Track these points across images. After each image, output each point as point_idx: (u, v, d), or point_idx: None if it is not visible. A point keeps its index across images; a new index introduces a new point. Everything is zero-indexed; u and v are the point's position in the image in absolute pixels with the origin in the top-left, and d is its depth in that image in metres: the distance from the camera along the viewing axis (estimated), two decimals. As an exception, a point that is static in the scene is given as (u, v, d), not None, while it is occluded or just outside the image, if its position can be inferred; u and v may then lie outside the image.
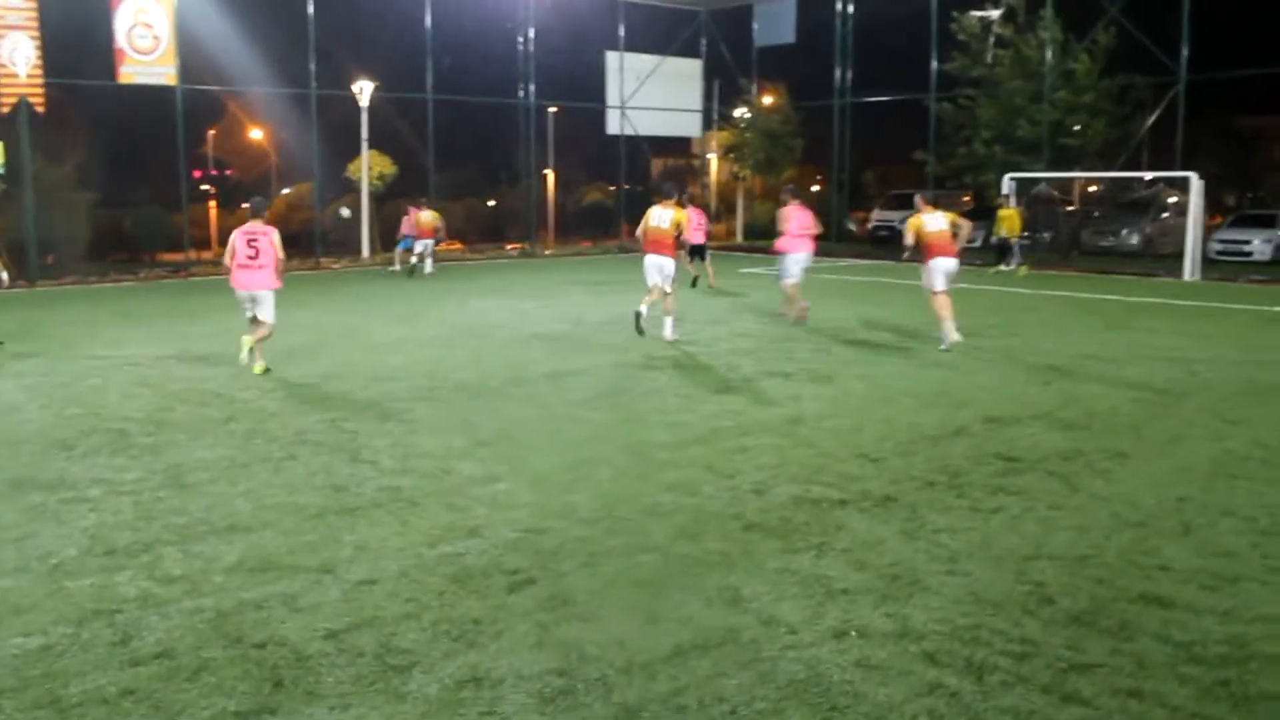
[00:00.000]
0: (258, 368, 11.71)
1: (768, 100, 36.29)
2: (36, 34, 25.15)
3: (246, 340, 11.98)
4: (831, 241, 33.04)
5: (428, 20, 30.57)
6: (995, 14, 28.69)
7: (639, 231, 14.15)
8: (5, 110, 25.22)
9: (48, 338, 14.85)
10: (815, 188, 40.67)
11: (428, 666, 4.52)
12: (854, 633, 4.82)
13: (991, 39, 28.80)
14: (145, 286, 23.69)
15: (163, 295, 21.42)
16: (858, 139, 34.41)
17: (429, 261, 25.25)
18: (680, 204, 14.98)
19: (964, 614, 5.01)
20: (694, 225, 16.41)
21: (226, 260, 12.10)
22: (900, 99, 33.10)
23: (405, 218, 26.24)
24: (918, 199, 13.80)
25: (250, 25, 30.31)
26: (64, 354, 13.26)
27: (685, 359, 12.32)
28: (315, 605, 5.17)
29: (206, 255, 30.25)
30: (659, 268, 13.76)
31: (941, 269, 13.07)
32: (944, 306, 13.03)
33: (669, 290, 13.83)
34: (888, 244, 32.99)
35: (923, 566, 5.64)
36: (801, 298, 15.55)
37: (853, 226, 36.51)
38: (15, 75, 24.98)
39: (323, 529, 6.30)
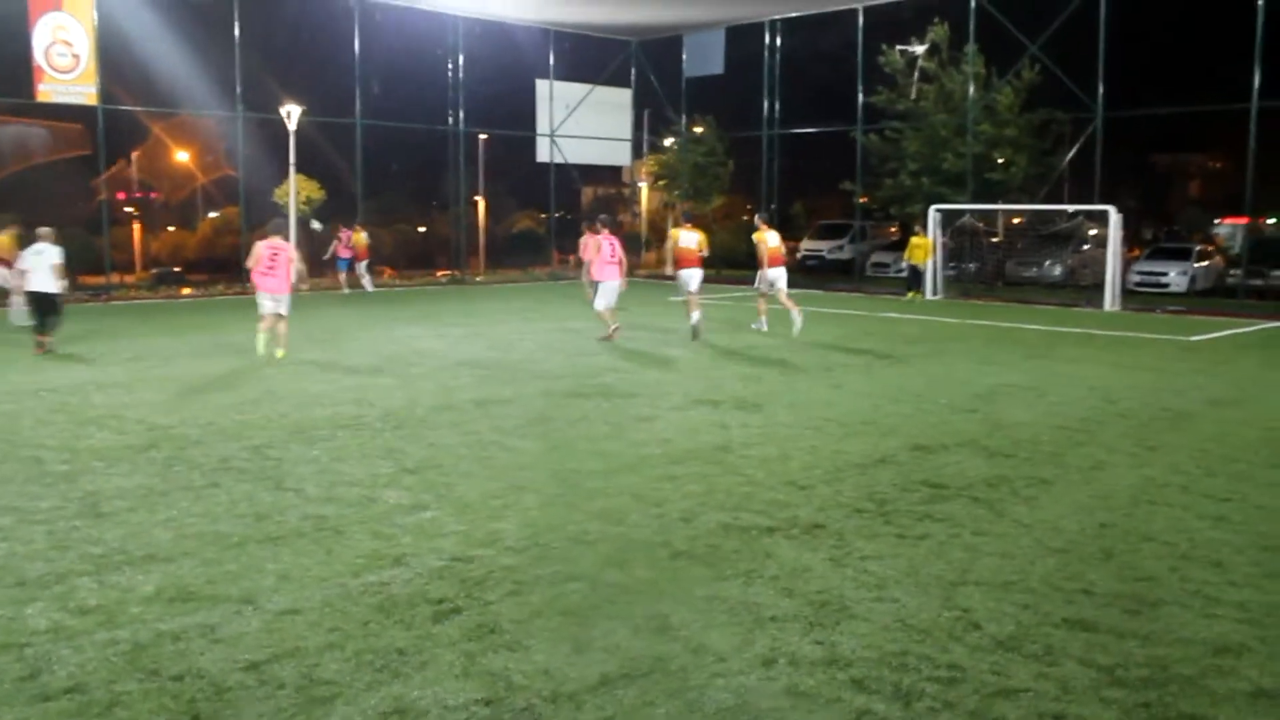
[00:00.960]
0: (280, 353, 14.50)
1: (697, 130, 36.58)
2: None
3: (262, 336, 14.49)
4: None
5: (356, 45, 30.38)
6: (920, 49, 29.25)
7: (667, 249, 18.72)
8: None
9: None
10: (744, 217, 41.04)
11: (351, 698, 4.43)
12: (783, 660, 4.81)
13: (916, 73, 29.34)
14: (65, 310, 23.09)
15: (83, 319, 20.91)
16: (786, 169, 34.79)
17: (367, 279, 27.00)
18: (613, 230, 18.00)
19: (892, 640, 5.04)
20: (609, 256, 16.99)
21: (250, 264, 14.90)
22: (828, 130, 33.54)
23: (338, 241, 26.92)
24: (759, 219, 19.11)
25: (176, 46, 29.95)
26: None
27: (612, 388, 12.30)
28: (236, 636, 5.05)
29: (129, 279, 29.74)
30: (696, 278, 18.07)
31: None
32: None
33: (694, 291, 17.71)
34: (816, 273, 33.39)
35: (850, 593, 5.66)
36: (614, 320, 17.01)
37: (694, 247, 36.78)
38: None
39: (244, 558, 6.17)
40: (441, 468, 8.40)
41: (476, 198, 39.58)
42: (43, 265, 15.79)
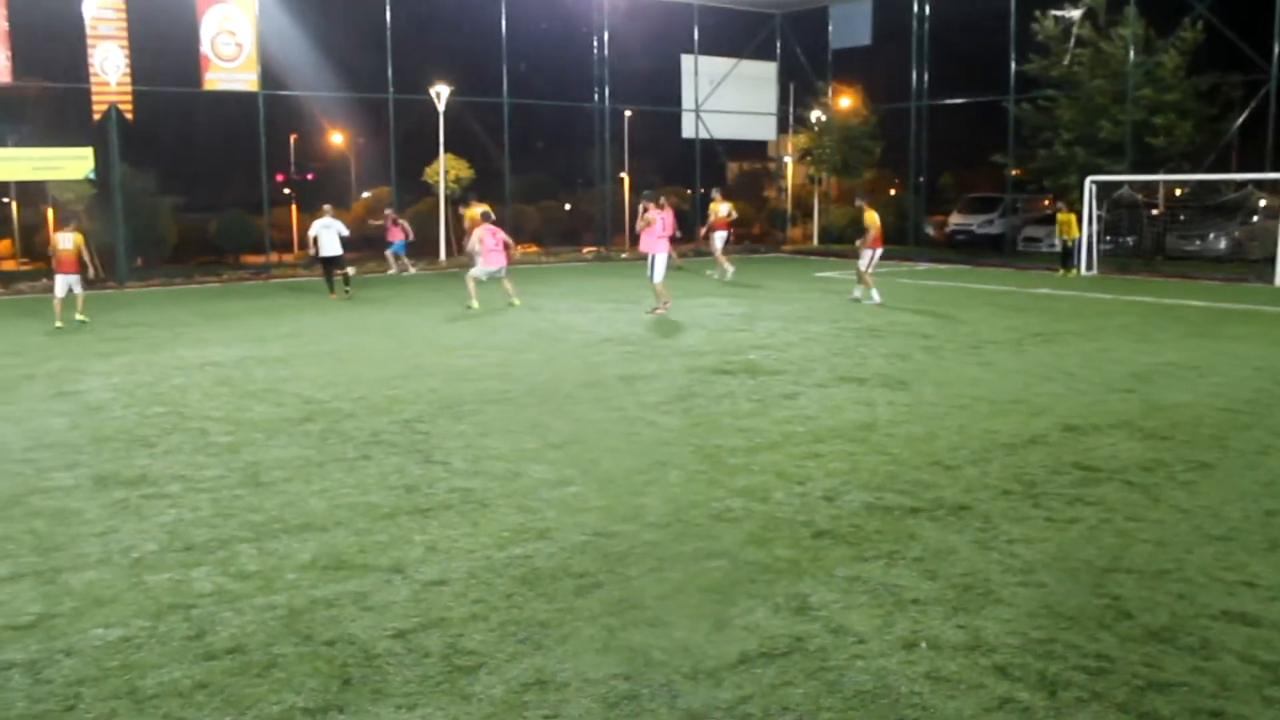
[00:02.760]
0: (516, 301, 18.50)
1: (844, 103, 36.01)
2: (125, 43, 25.80)
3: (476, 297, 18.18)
4: (909, 245, 32.74)
5: (503, 25, 30.80)
6: (1076, 13, 28.17)
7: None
8: (96, 117, 25.91)
9: (134, 338, 15.22)
10: (892, 191, 40.31)
11: (494, 668, 4.54)
12: (924, 644, 4.74)
13: (1072, 39, 28.27)
14: (228, 288, 24.16)
15: (245, 297, 21.83)
16: (935, 142, 34.00)
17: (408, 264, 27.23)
18: (660, 205, 17.74)
19: (1038, 627, 4.91)
20: (660, 230, 17.31)
21: (472, 245, 18.87)
22: (978, 101, 32.66)
23: (390, 224, 26.80)
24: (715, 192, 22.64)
25: (329, 31, 30.82)
26: (149, 354, 13.58)
27: (758, 364, 12.24)
28: (385, 605, 5.22)
29: (288, 257, 30.83)
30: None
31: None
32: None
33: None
34: (965, 248, 32.58)
35: (996, 577, 5.54)
36: (665, 295, 17.68)
37: (930, 230, 36.06)
38: (106, 84, 25.64)
39: (394, 529, 6.37)
40: (585, 443, 8.50)
41: (621, 174, 39.76)
42: (331, 235, 20.41)
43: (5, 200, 37.91)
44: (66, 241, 16.83)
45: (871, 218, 18.55)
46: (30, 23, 25.55)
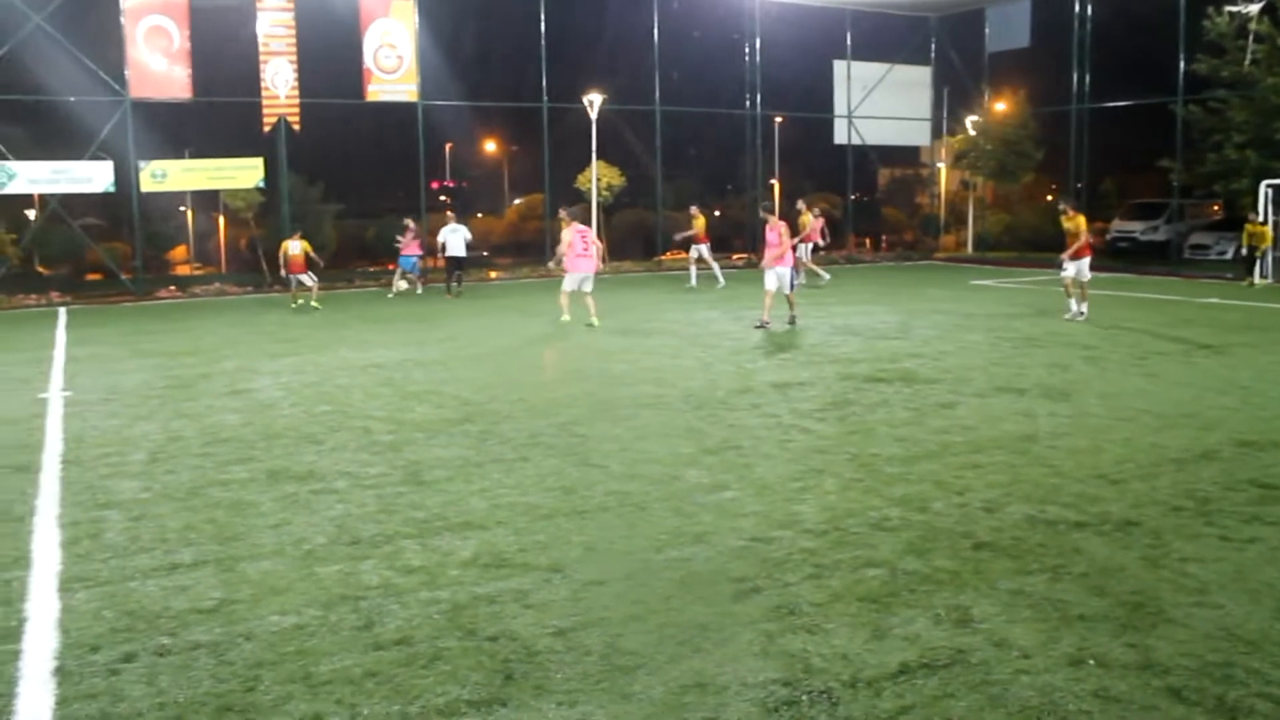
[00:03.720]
0: (596, 322, 16.60)
1: (1000, 107, 35.17)
2: (294, 58, 26.88)
3: (567, 312, 16.91)
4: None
5: (655, 33, 31.04)
6: (1253, 8, 26.88)
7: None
8: (266, 129, 27.05)
9: (300, 340, 15.84)
10: (1049, 197, 39.15)
11: (653, 669, 4.57)
12: (1092, 661, 4.60)
13: (1251, 35, 26.97)
14: (387, 293, 24.89)
15: (402, 301, 22.49)
16: (1096, 146, 32.90)
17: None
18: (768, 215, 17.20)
19: (1214, 650, 4.71)
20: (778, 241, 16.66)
21: (562, 249, 16.96)
22: (1143, 103, 31.48)
23: (409, 236, 24.67)
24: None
25: (485, 42, 31.54)
26: (315, 355, 14.12)
27: (914, 373, 12.05)
28: (545, 603, 5.32)
29: (441, 263, 31.61)
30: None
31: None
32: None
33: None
34: (1127, 255, 31.42)
35: (1167, 596, 5.33)
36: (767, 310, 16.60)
37: (1090, 238, 34.84)
38: (276, 96, 26.76)
39: (553, 529, 6.48)
40: (741, 449, 8.50)
41: (772, 181, 39.61)
42: (457, 238, 23.28)
43: (182, 209, 39.85)
44: (295, 248, 21.04)
45: (1080, 224, 17.14)
46: (208, 41, 26.85)
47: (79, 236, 29.38)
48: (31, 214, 33.20)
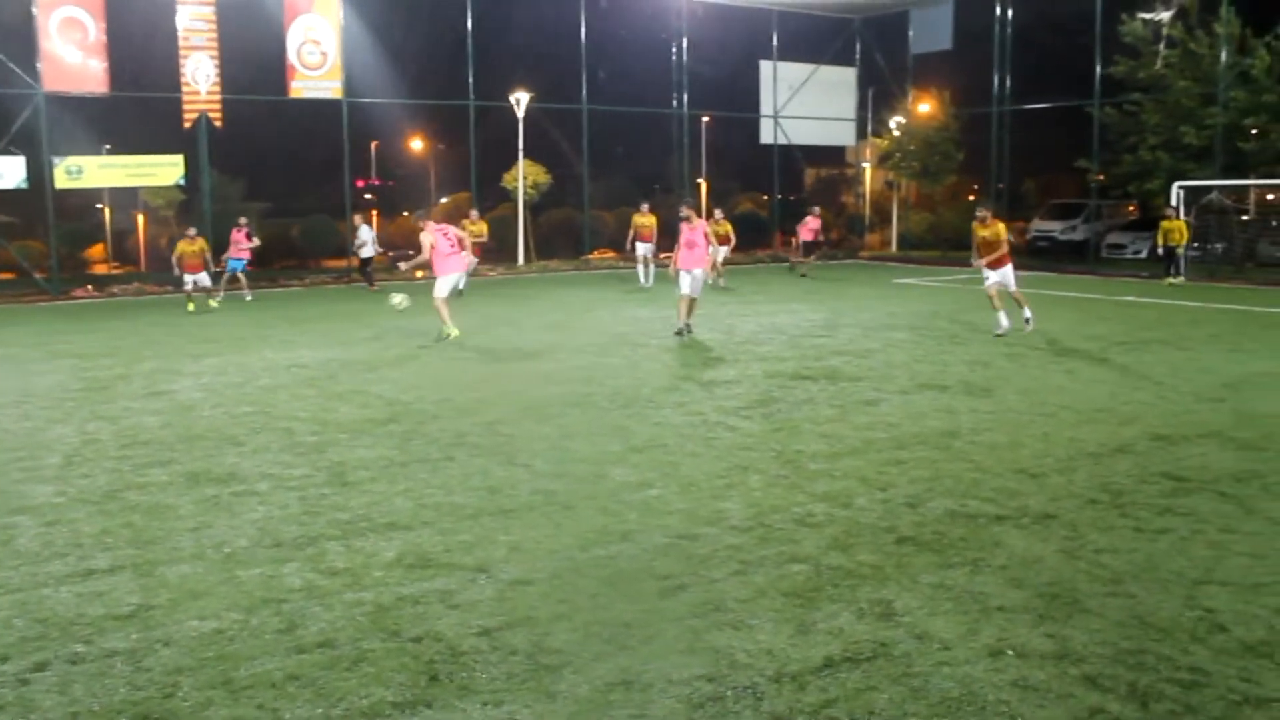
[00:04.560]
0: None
1: (924, 108, 35.66)
2: (216, 53, 26.42)
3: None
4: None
5: (582, 31, 31.01)
6: (1166, 15, 27.55)
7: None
8: (187, 125, 26.57)
9: (221, 340, 15.57)
10: (971, 197, 39.78)
11: (579, 667, 4.57)
12: (1011, 651, 4.69)
13: (1162, 41, 27.64)
14: (311, 292, 24.61)
15: (327, 300, 22.23)
16: (1017, 147, 33.49)
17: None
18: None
19: (1127, 638, 4.83)
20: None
21: (426, 256, 15.04)
22: (1061, 105, 32.11)
23: (242, 235, 23.17)
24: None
25: (410, 39, 31.27)
26: (237, 356, 13.89)
27: (838, 370, 12.18)
28: (471, 603, 5.29)
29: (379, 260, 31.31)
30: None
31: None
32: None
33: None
34: (1046, 254, 32.03)
35: (1083, 587, 5.45)
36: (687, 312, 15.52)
37: (1010, 237, 35.47)
38: (196, 93, 26.28)
39: (478, 529, 6.45)
40: (667, 447, 8.53)
41: (699, 180, 39.78)
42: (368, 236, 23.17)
43: (99, 206, 38.96)
44: (190, 247, 20.48)
45: (1000, 231, 15.67)
46: (126, 34, 26.29)
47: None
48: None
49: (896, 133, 35.69)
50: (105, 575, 5.79)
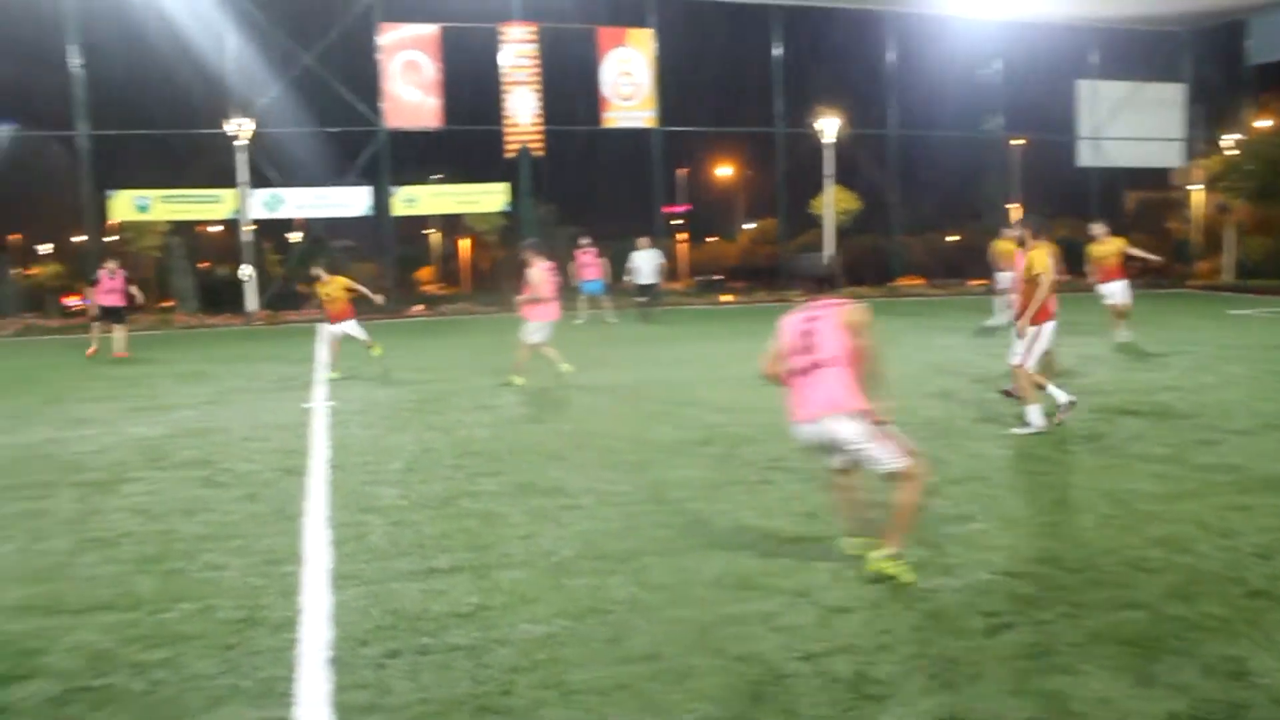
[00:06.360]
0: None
1: (1265, 124, 33.01)
2: (537, 88, 27.88)
3: None
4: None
5: (890, 55, 30.65)
6: None
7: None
8: (509, 156, 28.15)
9: (538, 359, 16.34)
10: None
11: (904, 700, 4.50)
12: (1391, 723, 4.26)
13: None
14: (622, 315, 25.39)
15: (629, 324, 22.86)
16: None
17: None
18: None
19: None
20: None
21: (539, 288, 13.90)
22: None
23: (588, 256, 24.00)
24: None
25: (720, 68, 31.87)
26: (551, 376, 14.49)
27: (1169, 406, 11.42)
28: (792, 626, 5.31)
29: (677, 285, 32.09)
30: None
31: None
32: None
33: None
34: None
35: None
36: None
37: None
38: (518, 125, 27.81)
39: (796, 553, 6.46)
40: (987, 480, 8.27)
41: (1011, 205, 38.41)
42: (649, 264, 22.84)
43: (425, 232, 41.79)
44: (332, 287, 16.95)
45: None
46: (456, 73, 28.20)
47: (337, 257, 31.28)
48: (294, 237, 35.56)
49: (1233, 150, 33.17)
50: (445, 575, 6.19)
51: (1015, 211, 38.26)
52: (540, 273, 13.91)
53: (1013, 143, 36.80)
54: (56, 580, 6.32)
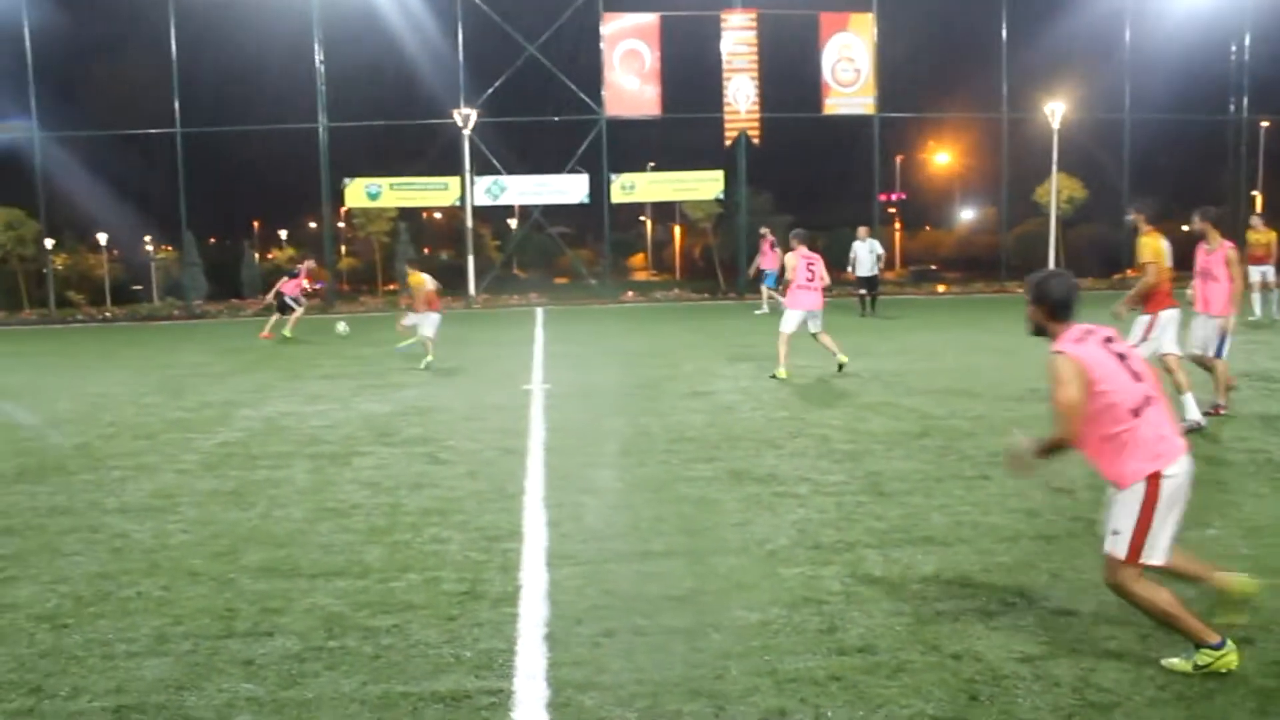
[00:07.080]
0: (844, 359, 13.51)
1: None
2: (756, 74, 27.81)
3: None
4: None
5: (1126, 36, 29.18)
6: None
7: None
8: (728, 143, 28.21)
9: (755, 345, 16.34)
10: None
11: (1130, 710, 4.32)
12: None
13: None
14: (834, 303, 25.05)
15: (850, 312, 22.56)
16: None
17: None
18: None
19: None
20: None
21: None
22: None
23: (767, 248, 22.93)
24: None
25: (943, 52, 31.03)
26: (770, 361, 14.43)
27: None
28: (1011, 627, 5.17)
29: (889, 276, 31.50)
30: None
31: None
32: None
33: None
34: None
35: None
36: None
37: None
38: (737, 112, 27.82)
39: (1017, 552, 6.28)
40: (1222, 484, 7.81)
41: (1254, 193, 36.05)
42: (867, 254, 22.44)
43: (640, 219, 42.31)
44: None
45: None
46: (675, 61, 28.44)
47: (554, 243, 32.10)
48: (512, 223, 36.60)
49: None
50: (661, 558, 6.30)
51: (1259, 198, 35.92)
52: (797, 259, 13.61)
53: (1263, 124, 34.47)
54: (294, 546, 6.75)
